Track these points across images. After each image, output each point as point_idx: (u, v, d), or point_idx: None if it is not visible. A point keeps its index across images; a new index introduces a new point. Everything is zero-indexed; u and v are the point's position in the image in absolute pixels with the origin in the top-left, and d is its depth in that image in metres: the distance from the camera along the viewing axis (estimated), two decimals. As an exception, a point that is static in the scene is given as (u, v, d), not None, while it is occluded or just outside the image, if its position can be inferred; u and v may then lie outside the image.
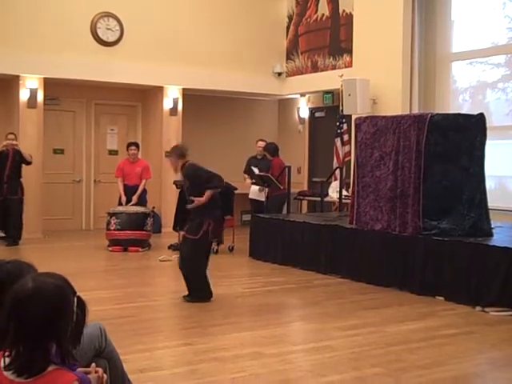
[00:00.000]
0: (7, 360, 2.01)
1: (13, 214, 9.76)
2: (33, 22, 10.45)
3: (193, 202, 6.22)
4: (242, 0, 12.28)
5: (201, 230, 6.15)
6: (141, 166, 10.09)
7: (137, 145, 10.20)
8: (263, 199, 10.03)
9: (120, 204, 9.80)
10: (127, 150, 10.16)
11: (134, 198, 9.80)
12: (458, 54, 9.90)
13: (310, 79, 12.15)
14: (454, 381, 4.00)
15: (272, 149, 10.27)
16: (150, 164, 10.37)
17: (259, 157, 10.37)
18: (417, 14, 9.88)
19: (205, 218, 6.18)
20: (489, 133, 7.02)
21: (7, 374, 2.00)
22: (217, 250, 9.21)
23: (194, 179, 6.31)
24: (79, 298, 2.07)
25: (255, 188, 10.16)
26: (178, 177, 10.47)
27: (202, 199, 6.19)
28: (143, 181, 9.97)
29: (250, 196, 10.28)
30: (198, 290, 6.19)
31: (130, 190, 9.89)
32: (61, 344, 2.01)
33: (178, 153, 6.39)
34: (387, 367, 4.21)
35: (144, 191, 10.13)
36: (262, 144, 10.37)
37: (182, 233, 7.21)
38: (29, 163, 9.85)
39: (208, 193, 6.22)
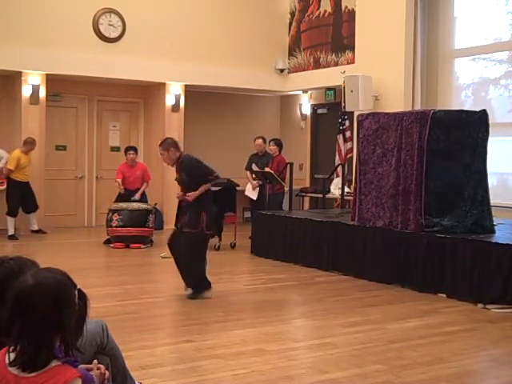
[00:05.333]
0: (12, 355, 2.02)
1: None
2: (35, 19, 10.44)
3: (185, 196, 6.17)
4: (245, -4, 12.29)
5: (199, 223, 6.09)
6: (140, 169, 10.18)
7: (135, 149, 10.24)
8: (255, 197, 10.07)
9: (120, 200, 9.79)
10: (125, 154, 10.18)
11: (137, 195, 9.86)
12: (461, 50, 9.89)
13: (312, 76, 12.14)
14: (455, 378, 4.00)
15: (282, 145, 10.37)
16: (151, 161, 10.36)
17: (260, 154, 10.38)
18: (419, 11, 9.87)
19: (202, 211, 6.12)
20: (491, 129, 7.02)
21: (12, 369, 2.01)
22: (219, 247, 9.23)
23: (194, 171, 6.21)
24: (80, 291, 2.10)
25: (249, 186, 10.22)
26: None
27: (197, 192, 6.12)
28: (144, 184, 10.08)
29: (245, 193, 10.35)
30: (197, 284, 6.19)
31: (130, 195, 9.92)
32: (65, 337, 2.03)
33: (175, 145, 6.25)
34: (389, 364, 4.21)
35: (144, 193, 10.20)
36: (259, 142, 10.36)
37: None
38: None
39: (206, 185, 6.18)
